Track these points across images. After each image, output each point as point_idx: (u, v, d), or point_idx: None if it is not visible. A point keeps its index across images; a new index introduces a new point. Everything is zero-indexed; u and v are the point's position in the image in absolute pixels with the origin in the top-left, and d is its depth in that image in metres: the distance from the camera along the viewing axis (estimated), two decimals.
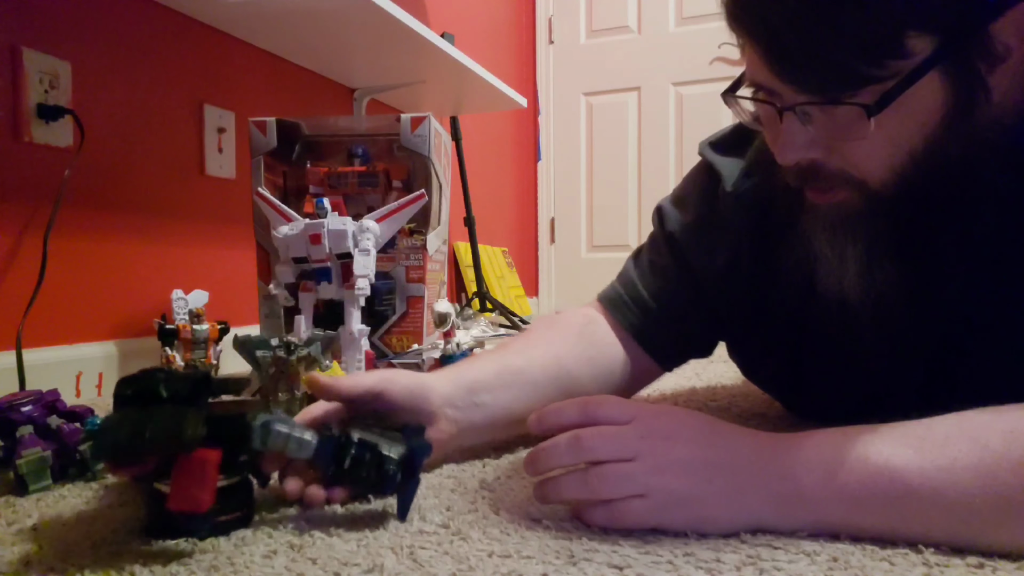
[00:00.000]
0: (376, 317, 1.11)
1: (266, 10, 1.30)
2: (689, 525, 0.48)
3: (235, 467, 0.51)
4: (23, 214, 1.03)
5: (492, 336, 1.68)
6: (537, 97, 3.23)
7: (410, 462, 0.53)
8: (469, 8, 2.62)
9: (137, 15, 1.22)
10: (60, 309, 1.08)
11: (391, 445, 0.53)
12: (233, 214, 1.42)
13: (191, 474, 0.46)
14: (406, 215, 1.08)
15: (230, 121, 1.41)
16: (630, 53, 3.06)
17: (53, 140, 1.06)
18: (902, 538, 0.46)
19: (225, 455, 0.48)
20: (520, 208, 3.17)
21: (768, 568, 0.44)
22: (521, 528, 0.51)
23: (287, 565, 0.45)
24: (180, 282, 1.26)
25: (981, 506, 0.43)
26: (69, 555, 0.47)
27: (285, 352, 0.82)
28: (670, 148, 2.99)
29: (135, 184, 1.22)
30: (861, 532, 0.47)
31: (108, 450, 0.48)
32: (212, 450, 0.47)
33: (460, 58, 1.66)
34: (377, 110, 1.91)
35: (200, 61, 1.36)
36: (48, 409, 0.67)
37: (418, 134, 1.14)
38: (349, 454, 0.52)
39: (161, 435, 0.46)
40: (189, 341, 1.12)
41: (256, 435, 0.49)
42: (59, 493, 0.61)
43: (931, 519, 0.45)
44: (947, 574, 0.43)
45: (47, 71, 1.05)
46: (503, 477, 0.64)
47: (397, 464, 0.52)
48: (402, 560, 0.46)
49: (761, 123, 0.59)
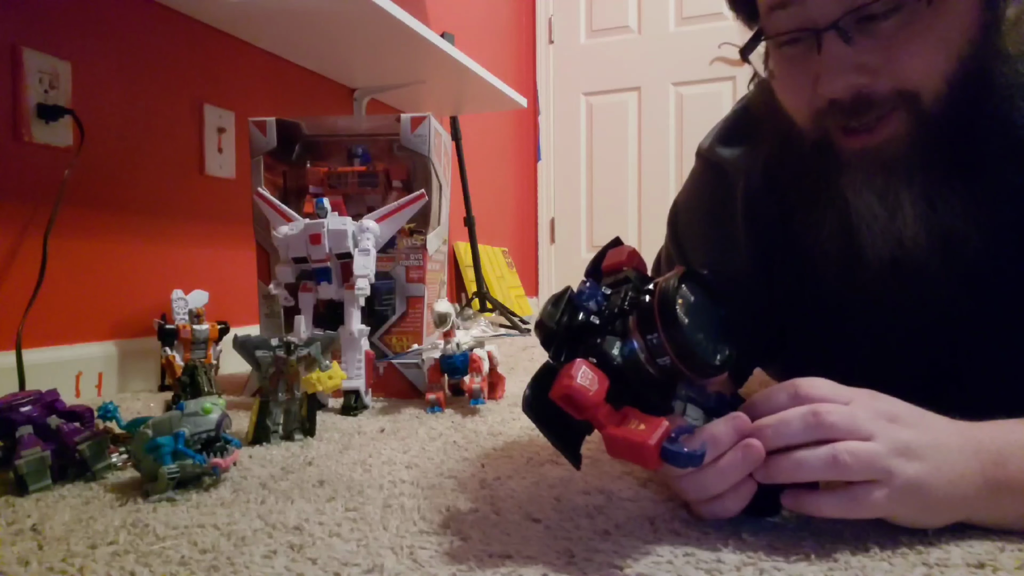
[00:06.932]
0: (376, 317, 1.11)
1: (266, 10, 1.30)
2: (916, 517, 0.46)
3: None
4: (23, 214, 1.03)
5: (492, 336, 1.68)
6: (537, 97, 3.23)
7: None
8: (469, 8, 2.61)
9: (137, 15, 1.22)
10: (60, 309, 1.08)
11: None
12: (233, 214, 1.42)
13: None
14: (406, 215, 1.08)
15: (230, 121, 1.41)
16: (630, 53, 3.06)
17: (53, 140, 1.06)
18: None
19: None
20: (520, 208, 3.17)
21: (768, 568, 0.43)
22: (521, 528, 0.51)
23: (287, 565, 0.45)
24: (180, 282, 1.26)
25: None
26: (69, 555, 0.47)
27: (285, 352, 0.82)
28: (670, 148, 2.99)
29: (135, 184, 1.22)
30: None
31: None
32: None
33: (460, 58, 1.66)
34: (377, 110, 1.91)
35: (200, 61, 1.35)
36: (48, 409, 0.67)
37: (418, 134, 1.14)
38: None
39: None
40: (189, 341, 1.12)
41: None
42: (59, 493, 0.61)
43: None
44: (947, 574, 0.43)
45: (47, 71, 1.05)
46: (503, 477, 0.64)
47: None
48: (402, 560, 0.46)
49: (783, 76, 0.57)
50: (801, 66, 0.56)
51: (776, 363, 0.79)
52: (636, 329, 0.49)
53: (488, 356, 1.02)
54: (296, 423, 0.81)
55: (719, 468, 0.47)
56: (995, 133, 0.53)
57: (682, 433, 0.46)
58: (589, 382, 0.46)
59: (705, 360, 0.48)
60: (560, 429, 0.50)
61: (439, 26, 2.15)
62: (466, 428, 0.86)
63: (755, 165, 0.68)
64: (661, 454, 0.45)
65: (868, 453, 0.44)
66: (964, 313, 0.57)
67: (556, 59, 3.22)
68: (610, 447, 0.47)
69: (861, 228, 0.56)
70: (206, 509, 0.57)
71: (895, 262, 0.56)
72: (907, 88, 0.52)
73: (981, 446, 0.46)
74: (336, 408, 0.99)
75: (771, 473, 0.47)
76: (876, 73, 0.52)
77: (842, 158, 0.56)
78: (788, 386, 0.49)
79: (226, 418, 0.68)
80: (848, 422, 0.45)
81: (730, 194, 0.70)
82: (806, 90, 0.55)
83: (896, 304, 0.59)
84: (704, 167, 0.75)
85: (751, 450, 0.46)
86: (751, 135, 0.70)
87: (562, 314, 0.50)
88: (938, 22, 0.50)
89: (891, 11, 0.50)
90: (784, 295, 0.66)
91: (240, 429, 0.82)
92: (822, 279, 0.62)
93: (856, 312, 0.62)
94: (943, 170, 0.53)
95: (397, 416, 0.94)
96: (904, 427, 0.46)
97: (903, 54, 0.51)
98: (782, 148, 0.62)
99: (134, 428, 0.66)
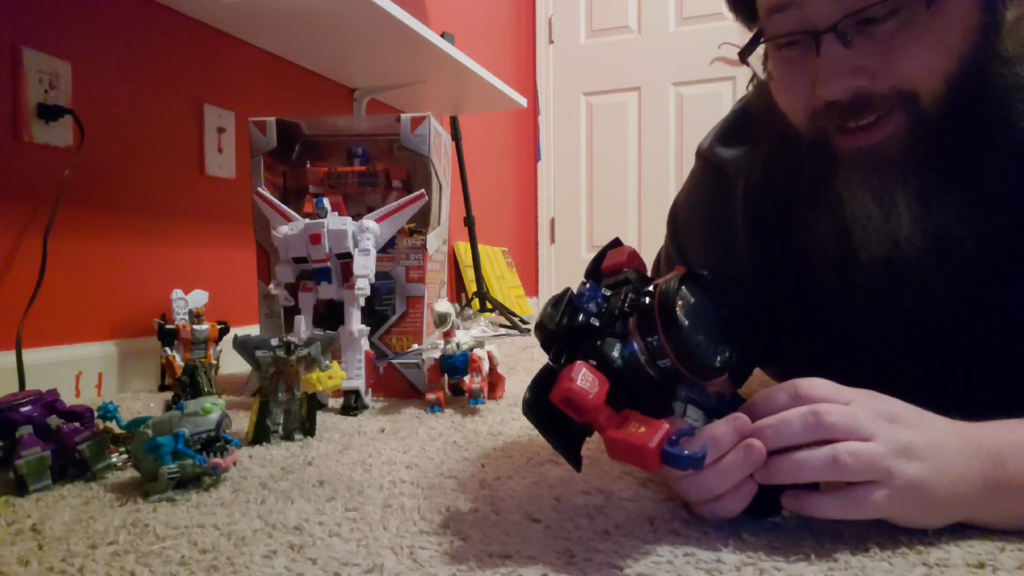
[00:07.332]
0: (376, 317, 1.11)
1: (266, 10, 1.30)
2: (916, 517, 0.46)
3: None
4: (23, 214, 1.03)
5: (492, 336, 1.68)
6: (537, 97, 3.23)
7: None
8: (469, 8, 2.61)
9: (137, 15, 1.22)
10: (60, 309, 1.08)
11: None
12: (233, 214, 1.42)
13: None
14: (406, 215, 1.08)
15: (230, 121, 1.41)
16: (630, 53, 3.06)
17: (53, 140, 1.06)
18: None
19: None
20: (520, 208, 3.17)
21: (768, 568, 0.43)
22: (521, 528, 0.51)
23: (287, 565, 0.45)
24: (180, 282, 1.26)
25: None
26: (69, 555, 0.47)
27: (285, 352, 0.82)
28: (670, 148, 2.99)
29: (135, 184, 1.22)
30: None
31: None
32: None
33: (460, 58, 1.66)
34: (377, 110, 1.91)
35: (200, 61, 1.35)
36: (48, 409, 0.67)
37: (418, 134, 1.14)
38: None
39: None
40: (189, 341, 1.12)
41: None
42: (59, 493, 0.61)
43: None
44: (947, 574, 0.43)
45: (47, 71, 1.05)
46: (503, 477, 0.64)
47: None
48: (402, 560, 0.46)
49: (781, 77, 0.57)
50: (799, 68, 0.56)
51: (775, 363, 0.79)
52: (636, 331, 0.49)
53: (488, 356, 1.02)
54: (296, 423, 0.81)
55: (720, 468, 0.47)
56: (992, 135, 0.53)
57: (682, 435, 0.46)
58: (589, 385, 0.46)
59: (705, 362, 0.48)
60: (560, 432, 0.50)
61: (439, 26, 2.15)
62: (466, 428, 0.86)
63: (755, 165, 0.68)
64: (662, 457, 0.45)
65: (868, 453, 0.44)
66: (959, 314, 0.57)
67: (556, 59, 3.22)
68: (610, 450, 0.47)
69: (856, 228, 0.56)
70: (206, 509, 0.57)
71: (890, 262, 0.56)
72: (906, 88, 0.52)
73: (981, 446, 0.46)
74: (336, 408, 0.99)
75: (771, 474, 0.47)
76: (874, 75, 0.52)
77: (838, 158, 0.56)
78: (788, 386, 0.49)
79: (226, 418, 0.68)
80: (848, 422, 0.45)
81: (730, 194, 0.70)
82: (804, 92, 0.55)
83: (891, 304, 0.59)
84: (704, 167, 0.75)
85: (752, 450, 0.46)
86: (751, 135, 0.70)
87: (562, 316, 0.50)
88: (937, 24, 0.50)
89: (890, 14, 0.50)
90: (783, 295, 0.66)
91: (240, 429, 0.82)
92: (818, 279, 0.62)
93: (852, 312, 0.62)
94: (939, 171, 0.53)
95: (397, 416, 0.94)
96: (904, 427, 0.46)
97: (902, 56, 0.51)
98: (780, 148, 0.62)
99: (134, 428, 0.66)
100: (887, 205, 0.54)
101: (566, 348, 0.50)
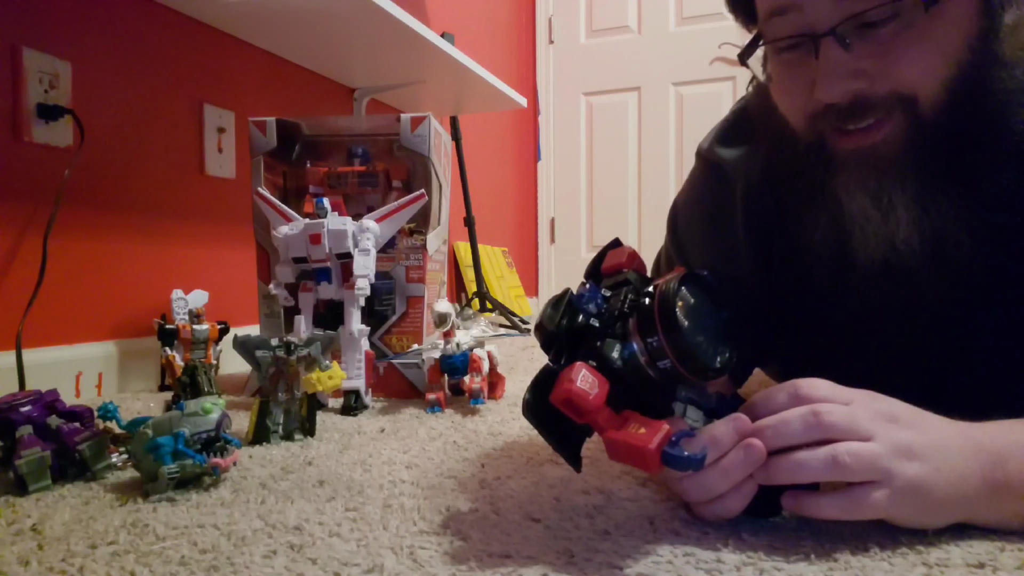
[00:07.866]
0: (376, 317, 1.11)
1: (266, 10, 1.30)
2: (915, 517, 0.46)
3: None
4: (23, 214, 1.03)
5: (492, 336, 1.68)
6: (537, 97, 3.23)
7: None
8: (469, 8, 2.61)
9: (137, 15, 1.22)
10: (60, 309, 1.08)
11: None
12: (233, 214, 1.42)
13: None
14: (406, 215, 1.08)
15: (230, 121, 1.41)
16: (630, 53, 3.06)
17: (53, 140, 1.06)
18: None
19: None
20: (520, 208, 3.17)
21: (768, 568, 0.44)
22: (521, 528, 0.51)
23: (287, 565, 0.45)
24: (180, 282, 1.26)
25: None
26: (69, 555, 0.47)
27: (285, 352, 0.82)
28: (670, 148, 2.99)
29: (135, 184, 1.22)
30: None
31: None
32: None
33: (460, 58, 1.66)
34: (377, 110, 1.91)
35: (200, 61, 1.35)
36: (48, 409, 0.67)
37: (418, 134, 1.14)
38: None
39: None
40: (189, 341, 1.11)
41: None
42: (59, 493, 0.61)
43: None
44: (947, 574, 0.43)
45: (47, 71, 1.05)
46: (503, 477, 0.64)
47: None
48: (402, 560, 0.46)
49: (781, 80, 0.57)
50: (799, 71, 0.56)
51: (775, 364, 0.79)
52: (636, 332, 0.49)
53: (488, 356, 1.02)
54: (296, 423, 0.81)
55: (721, 468, 0.47)
56: (990, 138, 0.53)
57: (682, 436, 0.47)
58: (589, 386, 0.46)
59: (705, 362, 0.48)
60: (560, 433, 0.50)
61: (439, 26, 2.15)
62: (466, 428, 0.86)
63: (754, 166, 0.68)
64: (662, 458, 0.45)
65: (868, 454, 0.45)
66: (956, 315, 0.57)
67: (556, 59, 3.22)
68: (611, 451, 0.47)
69: (854, 230, 0.56)
70: (206, 509, 0.57)
71: (887, 264, 0.56)
72: (904, 92, 0.52)
73: (981, 446, 0.46)
74: (336, 408, 0.99)
75: (771, 474, 0.47)
76: (873, 78, 0.52)
77: (836, 159, 0.56)
78: (788, 386, 0.49)
79: (226, 418, 0.68)
80: (848, 422, 0.46)
81: (730, 194, 0.70)
82: (803, 94, 0.55)
83: (889, 306, 0.59)
84: (704, 167, 0.75)
85: (753, 450, 0.47)
86: (751, 136, 0.70)
87: (562, 317, 0.50)
88: (936, 28, 0.50)
89: (889, 18, 0.51)
90: (782, 295, 0.66)
91: (240, 429, 0.82)
92: (816, 280, 0.62)
93: (850, 313, 0.62)
94: (937, 174, 0.53)
95: (397, 416, 0.94)
96: (904, 428, 0.46)
97: (901, 60, 0.51)
98: (778, 150, 0.62)
99: (134, 428, 0.66)
100: (885, 207, 0.54)
101: (566, 349, 0.50)
